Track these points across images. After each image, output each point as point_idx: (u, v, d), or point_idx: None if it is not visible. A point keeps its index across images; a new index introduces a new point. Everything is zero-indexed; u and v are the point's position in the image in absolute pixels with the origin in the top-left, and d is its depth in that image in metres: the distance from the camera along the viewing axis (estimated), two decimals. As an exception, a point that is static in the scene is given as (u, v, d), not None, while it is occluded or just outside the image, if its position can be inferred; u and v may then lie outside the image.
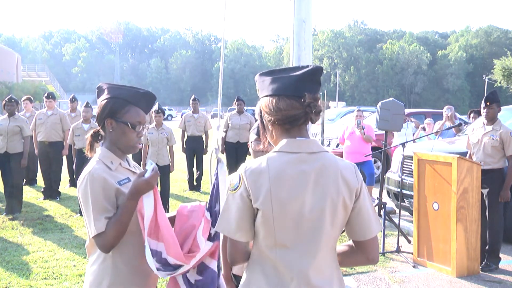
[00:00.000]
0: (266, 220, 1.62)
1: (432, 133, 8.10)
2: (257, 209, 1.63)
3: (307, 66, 1.71)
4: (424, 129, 9.29)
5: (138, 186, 1.90)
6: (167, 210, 6.72)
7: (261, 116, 1.77)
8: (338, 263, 1.75)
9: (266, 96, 1.72)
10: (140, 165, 7.37)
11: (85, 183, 1.94)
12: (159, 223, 1.93)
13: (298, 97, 1.66)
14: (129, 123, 2.03)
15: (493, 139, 5.17)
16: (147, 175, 1.92)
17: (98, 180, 1.93)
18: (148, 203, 1.93)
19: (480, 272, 5.08)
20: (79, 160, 7.39)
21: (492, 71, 46.30)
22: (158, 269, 1.94)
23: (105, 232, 1.90)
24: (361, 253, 1.74)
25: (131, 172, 2.12)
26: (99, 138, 2.12)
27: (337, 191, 1.64)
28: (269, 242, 1.64)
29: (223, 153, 9.19)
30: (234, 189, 1.66)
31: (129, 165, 2.14)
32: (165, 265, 1.95)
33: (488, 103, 5.18)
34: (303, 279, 1.62)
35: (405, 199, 6.57)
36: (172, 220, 2.13)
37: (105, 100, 2.06)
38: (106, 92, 2.08)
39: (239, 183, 1.65)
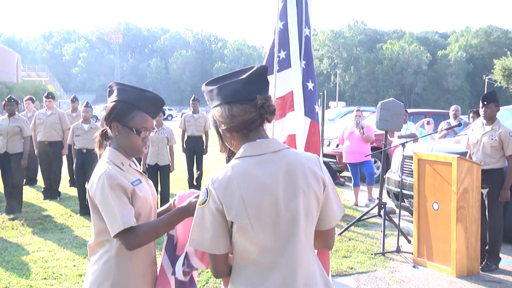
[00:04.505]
0: (244, 230, 1.59)
1: (433, 133, 8.13)
2: (232, 222, 1.60)
3: (252, 68, 1.69)
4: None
5: (192, 208, 1.90)
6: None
7: (216, 126, 1.74)
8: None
9: (218, 105, 1.69)
10: (140, 165, 7.37)
11: (102, 182, 1.92)
12: None
13: (250, 100, 1.64)
14: (134, 129, 2.03)
15: (492, 139, 5.17)
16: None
17: (115, 179, 1.93)
18: None
19: (480, 272, 5.08)
20: (79, 160, 7.39)
21: (492, 71, 46.31)
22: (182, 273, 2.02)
23: (136, 230, 1.90)
24: (320, 241, 1.76)
25: (139, 173, 2.12)
26: (107, 137, 2.12)
27: (307, 185, 1.64)
28: (252, 249, 1.61)
29: (222, 152, 9.19)
30: (203, 203, 1.62)
31: (136, 166, 2.15)
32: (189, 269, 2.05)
33: (485, 103, 5.18)
34: (290, 277, 1.62)
35: (405, 199, 6.57)
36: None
37: (113, 103, 2.05)
38: (115, 93, 2.07)
39: (207, 196, 1.61)
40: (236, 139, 1.70)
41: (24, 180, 8.75)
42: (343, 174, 11.29)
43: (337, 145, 10.19)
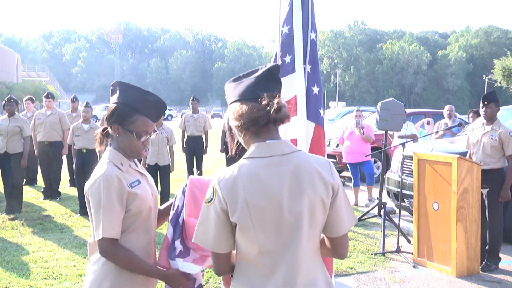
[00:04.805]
0: (246, 231, 1.60)
1: (433, 133, 8.13)
2: (235, 223, 1.61)
3: (265, 66, 1.72)
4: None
5: (172, 279, 2.00)
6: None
7: (228, 122, 1.77)
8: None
9: (232, 102, 1.73)
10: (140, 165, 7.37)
11: (98, 184, 1.93)
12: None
13: (258, 98, 1.65)
14: (134, 133, 2.02)
15: (492, 139, 5.17)
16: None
17: (112, 184, 1.93)
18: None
19: (480, 272, 5.08)
20: (79, 160, 7.39)
21: (492, 71, 46.31)
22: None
23: (118, 248, 1.92)
24: (330, 248, 1.75)
25: (140, 173, 2.12)
26: (108, 135, 2.12)
27: (314, 190, 1.63)
28: (253, 250, 1.62)
29: (222, 153, 9.20)
30: (209, 202, 1.64)
31: (137, 166, 2.15)
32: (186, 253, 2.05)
33: (486, 102, 5.18)
34: (290, 279, 1.62)
35: (405, 199, 6.57)
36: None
37: (114, 105, 2.05)
38: (117, 94, 2.06)
39: (213, 195, 1.63)
40: (246, 137, 1.71)
41: (24, 180, 8.75)
42: (343, 174, 11.29)
43: (337, 145, 10.19)
